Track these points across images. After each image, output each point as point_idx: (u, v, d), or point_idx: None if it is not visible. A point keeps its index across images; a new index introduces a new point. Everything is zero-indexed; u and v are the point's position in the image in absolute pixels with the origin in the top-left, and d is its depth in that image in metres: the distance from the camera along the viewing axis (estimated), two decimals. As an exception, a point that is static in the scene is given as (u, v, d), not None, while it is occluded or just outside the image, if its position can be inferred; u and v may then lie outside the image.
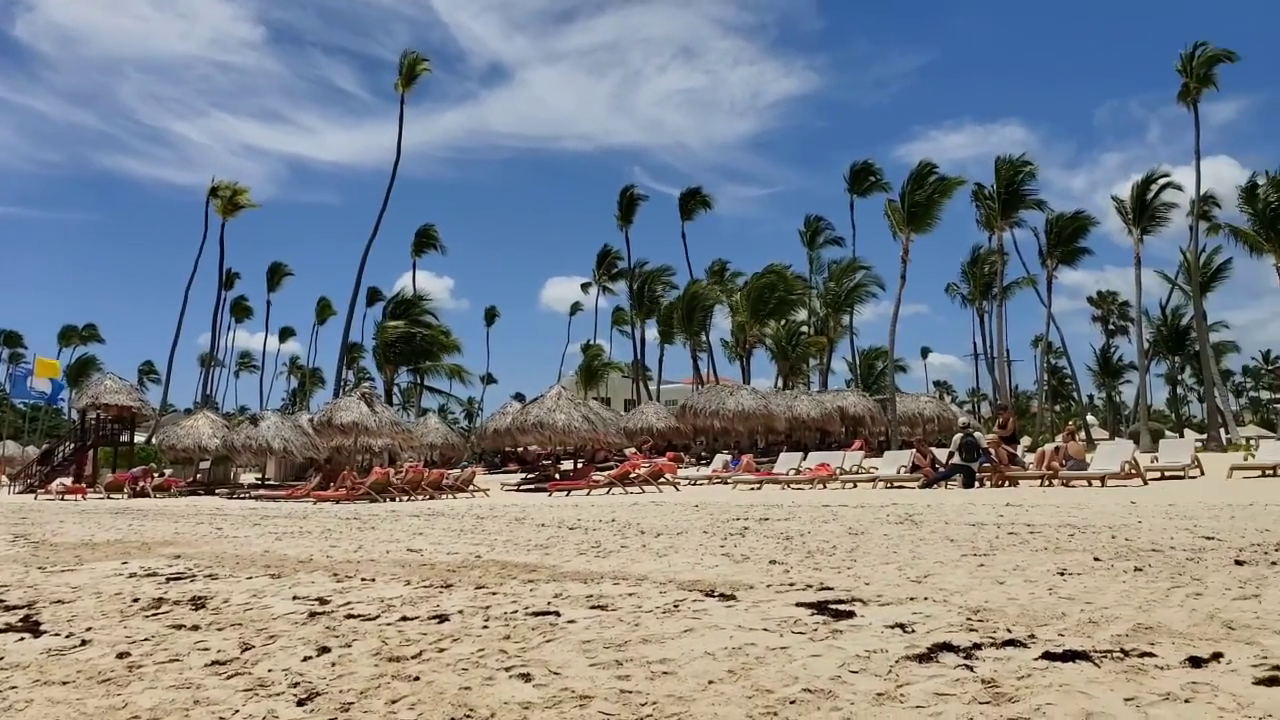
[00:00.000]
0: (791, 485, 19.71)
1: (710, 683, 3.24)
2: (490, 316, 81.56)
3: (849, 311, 49.59)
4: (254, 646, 4.12)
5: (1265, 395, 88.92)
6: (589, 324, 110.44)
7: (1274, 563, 5.57)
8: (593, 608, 4.81)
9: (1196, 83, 39.40)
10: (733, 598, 5.00)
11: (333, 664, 3.74)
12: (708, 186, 61.29)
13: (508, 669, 3.54)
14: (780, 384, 47.18)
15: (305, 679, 3.52)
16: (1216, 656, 3.34)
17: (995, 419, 22.36)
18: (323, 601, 5.31)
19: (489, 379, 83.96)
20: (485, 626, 4.39)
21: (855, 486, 18.62)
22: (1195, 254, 42.34)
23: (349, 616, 4.78)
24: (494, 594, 5.39)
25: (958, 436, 17.47)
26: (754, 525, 9.75)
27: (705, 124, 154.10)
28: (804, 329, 49.42)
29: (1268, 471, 17.29)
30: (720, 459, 25.86)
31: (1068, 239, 47.25)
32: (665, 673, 3.39)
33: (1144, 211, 43.45)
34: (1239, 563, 5.59)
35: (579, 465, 28.23)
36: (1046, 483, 16.23)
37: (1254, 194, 37.76)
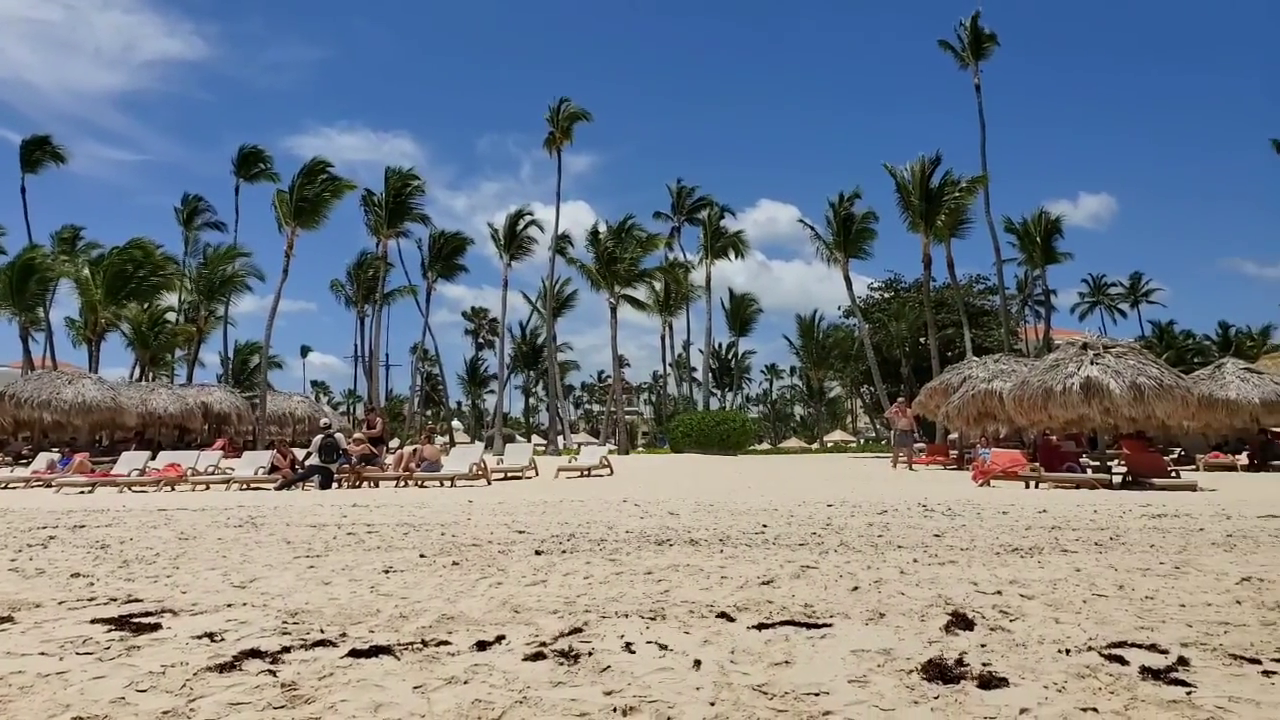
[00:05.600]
0: (132, 488, 17.58)
1: (-63, 730, 2.65)
2: None
3: (224, 301, 46.36)
4: None
5: (597, 408, 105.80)
6: None
7: (564, 550, 6.51)
8: None
9: (560, 134, 45.60)
10: (9, 620, 4.18)
11: None
12: (61, 138, 51.58)
13: None
14: (137, 375, 42.00)
15: None
16: (500, 639, 3.72)
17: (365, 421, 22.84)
18: None
19: None
20: None
21: (208, 488, 17.34)
22: (551, 283, 48.94)
23: None
24: None
25: (318, 438, 17.38)
26: (64, 534, 8.37)
27: (61, 66, 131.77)
28: (171, 315, 44.87)
29: (585, 472, 20.50)
30: (45, 458, 21.97)
31: (448, 255, 50.79)
32: None
33: (513, 240, 48.81)
34: (538, 552, 6.41)
35: None
36: (403, 483, 17.00)
37: (597, 238, 44.93)
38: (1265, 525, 8.10)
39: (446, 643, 3.65)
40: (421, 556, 6.28)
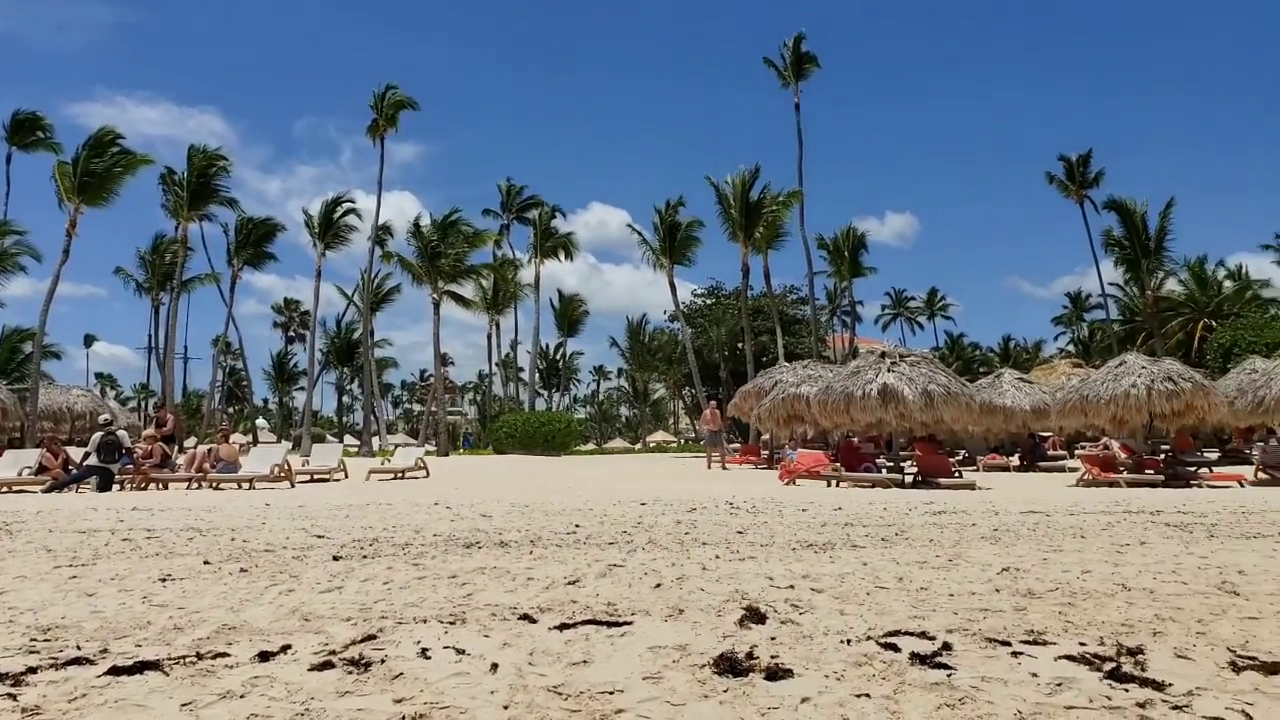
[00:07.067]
0: None
1: None
2: None
3: (-9, 283, 41.67)
4: None
5: (418, 407, 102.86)
6: None
7: (365, 555, 6.26)
8: None
9: (385, 121, 44.03)
10: None
11: None
12: None
13: None
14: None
15: None
16: (285, 648, 3.52)
17: (156, 418, 21.14)
18: None
19: None
20: None
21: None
22: (369, 275, 47.05)
23: None
24: None
25: (97, 435, 15.92)
26: None
27: None
28: (-76, 296, 39.94)
29: (399, 474, 19.89)
30: None
31: (256, 242, 47.80)
32: None
33: (329, 230, 46.54)
34: (336, 558, 6.13)
35: None
36: (195, 485, 15.88)
37: (420, 231, 43.64)
38: (1026, 520, 8.92)
39: (225, 655, 3.43)
40: (206, 563, 5.87)
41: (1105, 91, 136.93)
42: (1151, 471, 17.23)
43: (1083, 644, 3.54)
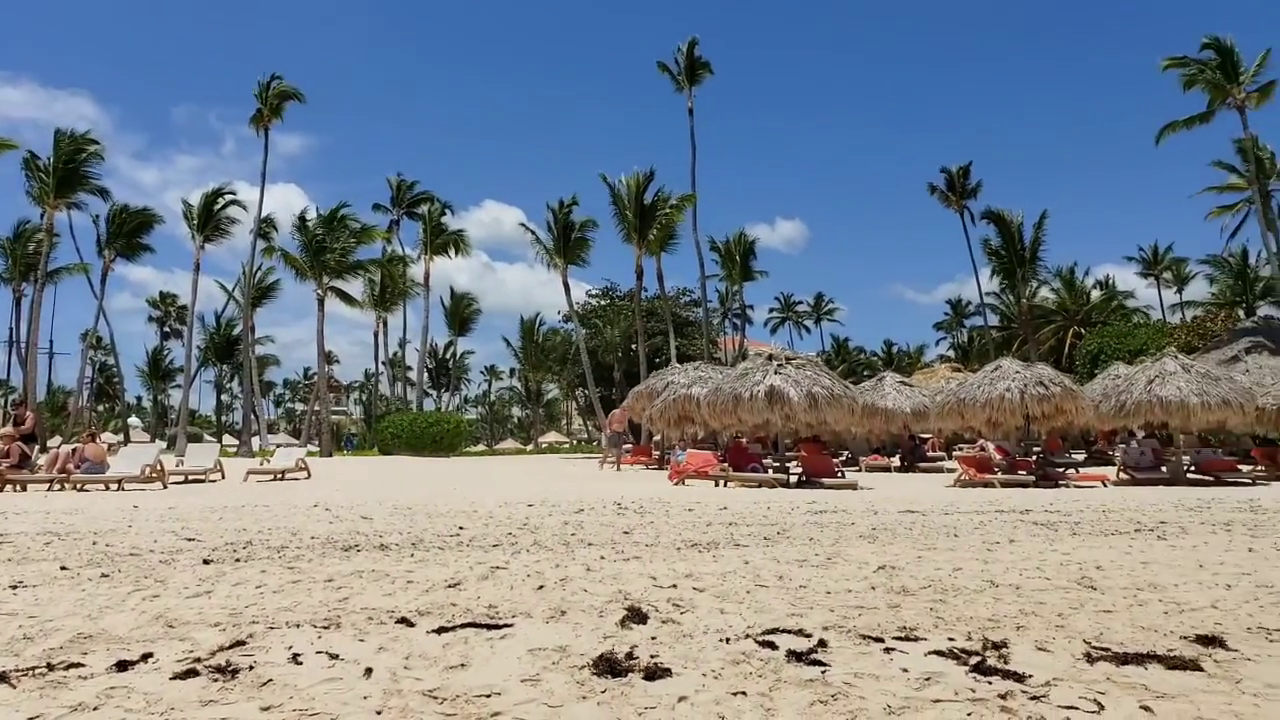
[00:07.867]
0: None
1: None
2: None
3: None
4: None
5: (300, 406, 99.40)
6: None
7: (238, 559, 6.02)
8: None
9: (269, 111, 42.43)
10: None
11: None
12: None
13: None
14: None
15: None
16: (146, 656, 3.37)
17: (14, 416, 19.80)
18: None
19: None
20: None
21: None
22: (251, 269, 45.17)
23: None
24: None
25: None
26: None
27: None
28: None
29: (278, 476, 19.20)
30: None
31: (130, 232, 45.40)
32: None
33: (209, 221, 44.51)
34: (207, 561, 5.88)
35: None
36: (57, 487, 14.95)
37: (305, 224, 42.20)
38: (903, 519, 9.24)
39: (79, 665, 3.26)
40: (63, 569, 5.54)
41: (985, 107, 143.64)
42: (1024, 472, 18.10)
43: (951, 639, 3.69)
